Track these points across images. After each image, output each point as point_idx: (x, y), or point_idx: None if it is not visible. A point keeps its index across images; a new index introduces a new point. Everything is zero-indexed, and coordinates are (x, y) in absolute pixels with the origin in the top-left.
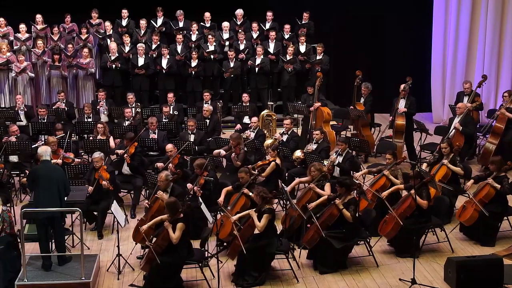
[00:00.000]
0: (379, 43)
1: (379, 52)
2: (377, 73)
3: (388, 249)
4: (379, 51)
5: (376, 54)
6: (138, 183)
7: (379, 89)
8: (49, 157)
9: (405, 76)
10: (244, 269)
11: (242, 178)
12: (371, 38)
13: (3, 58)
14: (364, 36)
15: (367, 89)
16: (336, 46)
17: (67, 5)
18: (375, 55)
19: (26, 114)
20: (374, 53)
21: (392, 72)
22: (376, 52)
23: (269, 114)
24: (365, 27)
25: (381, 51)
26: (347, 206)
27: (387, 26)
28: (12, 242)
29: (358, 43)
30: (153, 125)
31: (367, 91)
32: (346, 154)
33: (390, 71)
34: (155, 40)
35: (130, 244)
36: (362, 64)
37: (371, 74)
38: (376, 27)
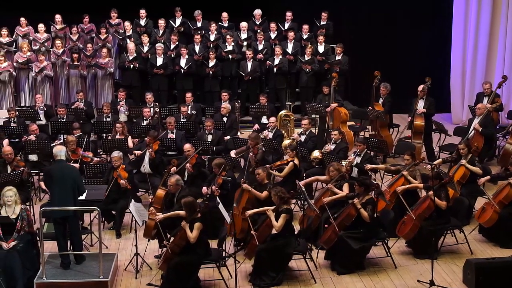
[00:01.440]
0: (398, 43)
1: (398, 52)
2: (396, 73)
3: (406, 250)
4: (398, 51)
5: (395, 54)
6: (156, 182)
7: (398, 89)
8: (64, 157)
9: (424, 76)
10: (261, 269)
11: (258, 175)
12: (390, 38)
13: (24, 58)
14: (383, 36)
15: (386, 89)
16: (355, 47)
17: (86, 5)
18: (394, 55)
19: (46, 113)
20: (393, 53)
21: (411, 72)
22: (395, 52)
23: (287, 114)
24: (384, 27)
25: (400, 51)
26: (365, 206)
27: (407, 26)
28: (31, 241)
29: (377, 43)
30: (171, 125)
31: (385, 91)
32: (365, 155)
33: (409, 71)
34: (174, 40)
35: (148, 243)
36: (381, 64)
37: (390, 74)
38: (396, 27)
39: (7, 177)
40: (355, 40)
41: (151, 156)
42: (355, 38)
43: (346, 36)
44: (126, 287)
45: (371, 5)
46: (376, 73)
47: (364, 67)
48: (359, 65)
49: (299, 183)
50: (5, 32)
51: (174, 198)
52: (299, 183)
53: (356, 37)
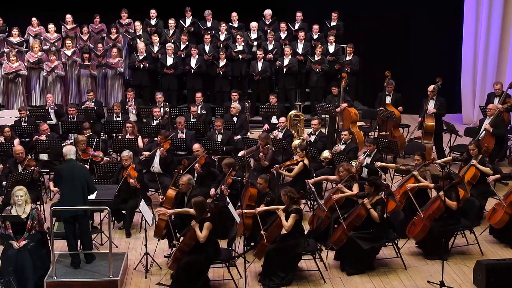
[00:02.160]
0: (408, 43)
1: (408, 53)
2: (406, 74)
3: (416, 251)
4: (408, 52)
5: (406, 54)
6: (166, 182)
7: (408, 89)
8: (73, 156)
9: (434, 76)
10: (271, 269)
11: (260, 185)
12: (401, 38)
13: (35, 57)
14: (393, 37)
15: (392, 85)
16: (365, 47)
17: (97, 5)
18: (405, 56)
19: (56, 113)
20: (403, 54)
21: (422, 72)
22: (405, 53)
23: (297, 115)
24: (395, 27)
25: (411, 51)
26: (374, 207)
27: (417, 26)
28: (42, 240)
29: (388, 44)
30: (181, 125)
31: (392, 87)
32: (375, 155)
33: (420, 72)
34: (184, 40)
35: (158, 243)
36: (391, 64)
37: (401, 75)
38: (406, 27)
39: (18, 176)
40: (366, 40)
41: (162, 155)
42: (365, 38)
43: (356, 36)
44: (135, 286)
45: (382, 6)
46: (387, 73)
47: (375, 67)
48: (370, 65)
49: (308, 182)
50: (16, 32)
51: (185, 198)
52: (308, 182)
53: (367, 37)
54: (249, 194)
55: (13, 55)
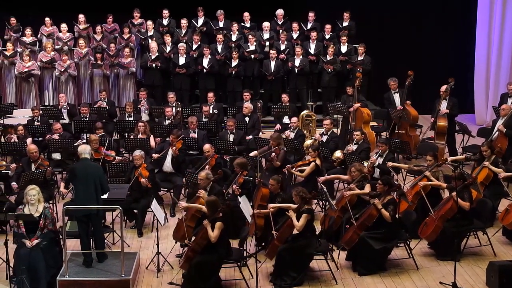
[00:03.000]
0: (421, 43)
1: (421, 52)
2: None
3: (429, 252)
4: (421, 51)
5: (418, 54)
6: (178, 181)
7: (421, 90)
8: (88, 155)
9: (447, 76)
10: (282, 269)
11: (272, 186)
12: (413, 38)
13: (48, 57)
14: (406, 36)
15: (395, 82)
16: (379, 47)
17: (109, 4)
18: (417, 55)
19: (69, 112)
20: (416, 53)
21: (434, 72)
22: (418, 52)
23: (309, 115)
24: (407, 27)
25: (423, 51)
26: (386, 207)
27: (430, 26)
28: (55, 239)
29: (400, 43)
30: (193, 125)
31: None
32: (387, 156)
33: (432, 72)
34: (196, 40)
35: (170, 242)
36: (403, 64)
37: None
38: (419, 27)
39: (31, 175)
40: (379, 40)
41: (175, 154)
42: (378, 38)
43: (369, 36)
44: (147, 285)
45: (395, 5)
46: (409, 72)
47: (387, 67)
48: (382, 65)
49: (319, 179)
50: (29, 32)
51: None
52: (319, 179)
53: (380, 37)
54: (261, 194)
55: (26, 54)
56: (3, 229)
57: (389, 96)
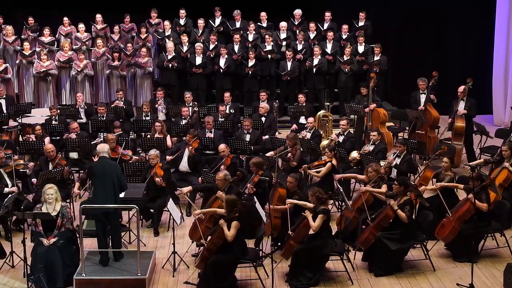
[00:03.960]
0: (438, 43)
1: (438, 53)
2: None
3: (446, 253)
4: (438, 52)
5: (436, 54)
6: (194, 181)
7: (439, 90)
8: (106, 154)
9: (464, 77)
10: (298, 269)
11: (290, 183)
12: (431, 38)
13: (65, 56)
14: (423, 36)
15: (424, 83)
16: (395, 47)
17: (126, 4)
18: (435, 56)
19: (86, 111)
20: (433, 54)
21: (452, 73)
22: (435, 53)
23: (326, 115)
24: (425, 27)
25: (441, 51)
26: (402, 207)
27: (447, 26)
28: (72, 237)
29: (417, 43)
30: (209, 124)
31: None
32: (404, 156)
33: (450, 72)
34: (213, 40)
35: (186, 241)
36: (421, 64)
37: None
38: (437, 27)
39: (49, 174)
40: (395, 40)
41: (191, 154)
42: (395, 38)
43: (385, 35)
44: (163, 284)
45: (412, 5)
46: (434, 73)
47: (404, 67)
48: (399, 65)
49: (336, 177)
50: (47, 32)
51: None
52: (336, 177)
53: (396, 37)
54: (278, 195)
55: (44, 54)
56: (21, 227)
57: (416, 95)
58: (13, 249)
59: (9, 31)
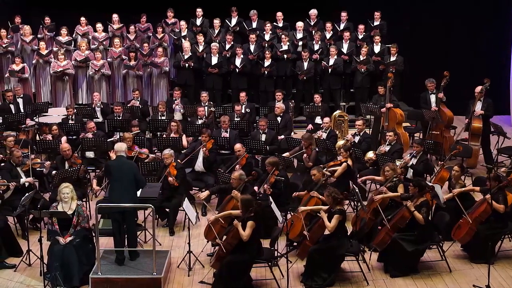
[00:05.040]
0: (454, 43)
1: (454, 52)
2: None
3: (462, 254)
4: (454, 51)
5: (452, 54)
6: (209, 181)
7: (455, 91)
8: (124, 153)
9: (481, 77)
10: (313, 269)
11: (314, 176)
12: (447, 37)
13: (82, 56)
14: (439, 36)
15: (433, 84)
16: (412, 47)
17: (143, 4)
18: (451, 55)
19: (102, 111)
20: (449, 53)
21: (469, 73)
22: (451, 52)
23: (341, 115)
24: (441, 26)
25: (457, 51)
26: (419, 209)
27: (463, 25)
28: (88, 236)
29: (433, 43)
30: (225, 124)
31: (433, 85)
32: (421, 156)
33: (467, 72)
34: (229, 40)
35: (201, 241)
36: (437, 64)
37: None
38: (452, 26)
39: (65, 173)
40: (411, 40)
41: (205, 155)
42: (410, 38)
43: (402, 36)
44: (178, 284)
45: (429, 4)
46: (445, 73)
47: (420, 67)
48: (416, 65)
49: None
50: (64, 31)
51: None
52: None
53: (412, 37)
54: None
55: (61, 53)
56: (38, 226)
57: (425, 96)
58: (29, 247)
59: (26, 30)
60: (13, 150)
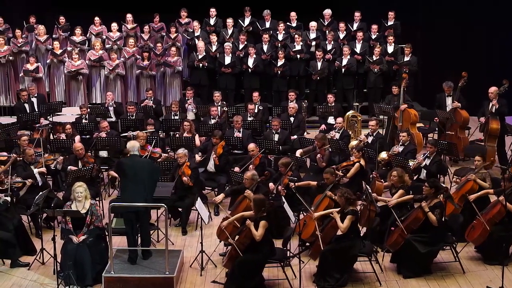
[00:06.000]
0: (470, 43)
1: (469, 52)
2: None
3: (476, 256)
4: (469, 51)
5: (466, 54)
6: (222, 180)
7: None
8: (137, 152)
9: (495, 76)
10: (326, 270)
11: (327, 179)
12: (462, 37)
13: (96, 56)
14: (454, 36)
15: (450, 88)
16: (425, 47)
17: (157, 4)
18: (465, 56)
19: (116, 110)
20: (464, 54)
21: (483, 72)
22: (466, 52)
23: (355, 115)
24: (455, 26)
25: (472, 51)
26: (433, 210)
27: (480, 25)
28: (101, 235)
29: (448, 43)
30: (238, 124)
31: (450, 89)
32: (434, 157)
33: (481, 72)
34: (242, 40)
35: (213, 241)
36: (451, 65)
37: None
38: (467, 25)
39: (79, 172)
40: (425, 39)
41: (215, 163)
42: (424, 38)
43: (415, 35)
44: (191, 283)
45: (444, 4)
46: (463, 74)
47: (434, 67)
48: (429, 66)
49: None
50: (79, 31)
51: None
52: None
53: (426, 36)
54: (325, 205)
55: (76, 53)
56: (51, 225)
57: (441, 97)
58: (43, 246)
59: (41, 30)
60: (25, 149)
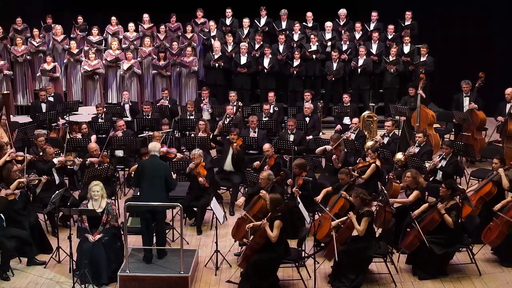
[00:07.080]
0: (486, 43)
1: (485, 53)
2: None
3: (492, 258)
4: (485, 52)
5: (483, 54)
6: (236, 180)
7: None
8: (157, 153)
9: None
10: (341, 270)
11: (342, 180)
12: (480, 38)
13: (113, 56)
14: (470, 36)
15: (468, 86)
16: (441, 47)
17: (173, 4)
18: (481, 56)
19: (131, 109)
20: (480, 54)
21: (501, 74)
22: (482, 53)
23: (370, 116)
24: (472, 26)
25: (489, 51)
26: (449, 212)
27: (495, 25)
28: (116, 234)
29: (464, 43)
30: (253, 124)
31: (468, 87)
32: (450, 158)
33: (499, 73)
34: (258, 40)
35: (228, 240)
36: (468, 65)
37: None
38: (484, 26)
39: (94, 171)
40: (442, 40)
41: (235, 150)
42: (441, 38)
43: (432, 35)
44: (205, 283)
45: (460, 4)
46: (480, 74)
47: (451, 68)
48: (446, 66)
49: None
50: (95, 31)
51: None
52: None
53: (442, 37)
54: (340, 205)
55: (92, 53)
56: (67, 223)
57: (458, 98)
58: (59, 244)
59: (58, 30)
60: (45, 148)
